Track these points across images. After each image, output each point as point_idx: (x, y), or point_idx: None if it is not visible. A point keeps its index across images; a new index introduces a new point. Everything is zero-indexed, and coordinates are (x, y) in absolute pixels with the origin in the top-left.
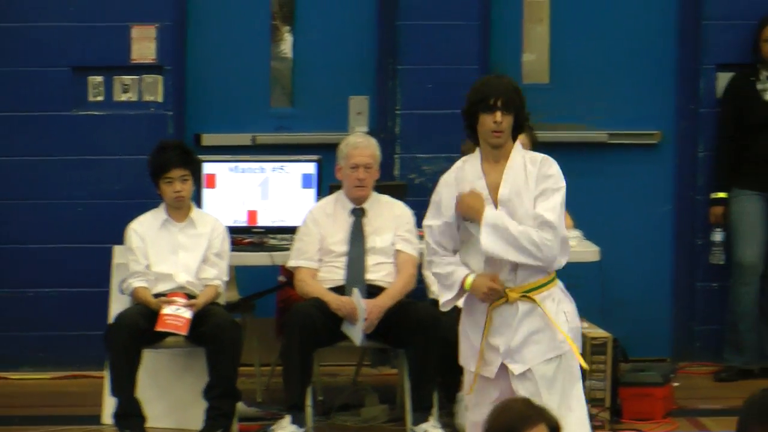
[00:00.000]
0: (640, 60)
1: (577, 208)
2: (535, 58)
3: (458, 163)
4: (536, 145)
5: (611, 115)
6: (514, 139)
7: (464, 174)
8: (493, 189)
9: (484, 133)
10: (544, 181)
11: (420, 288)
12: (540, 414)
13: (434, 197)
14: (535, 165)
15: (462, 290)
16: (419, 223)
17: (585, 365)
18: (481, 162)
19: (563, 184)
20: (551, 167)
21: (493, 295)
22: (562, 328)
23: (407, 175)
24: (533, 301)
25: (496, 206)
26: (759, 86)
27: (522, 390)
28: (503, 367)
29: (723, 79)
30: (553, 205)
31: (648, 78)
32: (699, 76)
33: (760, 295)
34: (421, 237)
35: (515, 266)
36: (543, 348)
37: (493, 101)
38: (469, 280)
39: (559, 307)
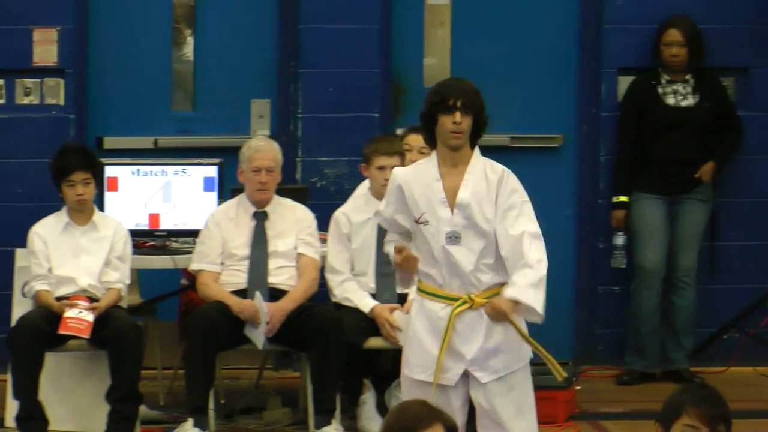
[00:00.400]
0: (542, 64)
1: None
2: (436, 62)
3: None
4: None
5: (513, 118)
6: (473, 143)
7: (420, 174)
8: (451, 193)
9: (443, 135)
10: (512, 195)
11: (322, 291)
12: (437, 414)
13: (389, 187)
14: (496, 174)
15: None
16: (321, 227)
17: (562, 374)
18: (438, 165)
19: (527, 197)
20: (516, 180)
21: (408, 262)
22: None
23: (309, 178)
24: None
25: (452, 210)
26: (660, 90)
27: (481, 398)
28: (463, 375)
29: (624, 82)
30: (531, 217)
31: (549, 82)
32: (600, 80)
33: (662, 299)
34: (323, 240)
35: (474, 274)
36: (512, 357)
37: (452, 102)
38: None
39: (522, 320)
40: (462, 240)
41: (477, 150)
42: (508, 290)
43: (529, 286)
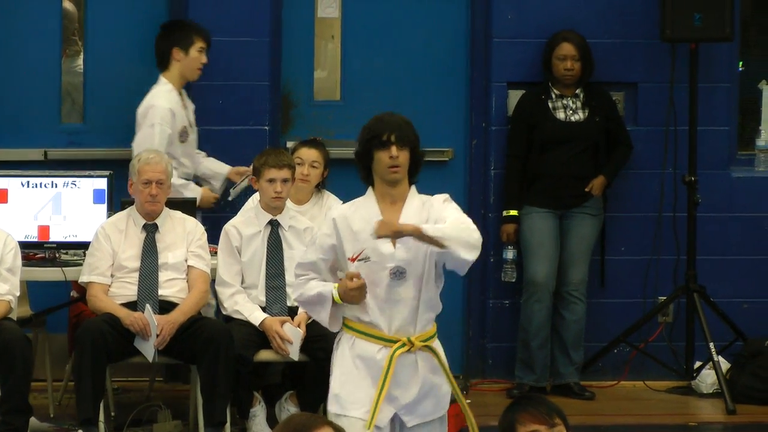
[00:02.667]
0: (431, 77)
1: None
2: (326, 75)
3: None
4: (329, 161)
5: None
6: (411, 179)
7: (359, 210)
8: None
9: (380, 170)
10: (442, 204)
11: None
12: (326, 420)
13: (323, 231)
14: (434, 206)
15: (334, 303)
16: (211, 239)
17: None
18: (376, 202)
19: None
20: (447, 196)
21: (362, 290)
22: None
23: None
24: (432, 351)
25: (393, 244)
26: (550, 104)
27: None
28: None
29: (514, 96)
30: (459, 211)
31: (439, 95)
32: (490, 94)
33: (552, 313)
34: (213, 253)
35: (415, 312)
36: (439, 403)
37: (386, 136)
38: (335, 291)
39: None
40: (407, 275)
41: (414, 188)
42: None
43: (435, 229)
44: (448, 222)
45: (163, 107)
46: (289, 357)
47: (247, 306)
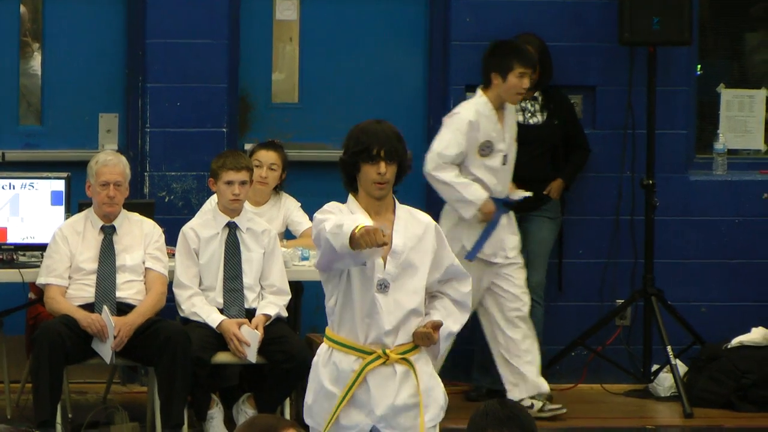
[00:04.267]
0: (390, 80)
1: None
2: (284, 78)
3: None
4: (287, 164)
5: None
6: (393, 188)
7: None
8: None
9: (366, 184)
10: (444, 244)
11: (170, 306)
12: (290, 422)
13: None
14: (425, 221)
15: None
16: (169, 241)
17: None
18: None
19: None
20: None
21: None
22: (439, 392)
23: (157, 192)
24: (409, 365)
25: (384, 262)
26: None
27: None
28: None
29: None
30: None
31: (397, 98)
32: (448, 97)
33: None
34: (171, 255)
35: (398, 325)
36: (416, 416)
37: (376, 151)
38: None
39: (433, 372)
40: (390, 290)
41: (394, 197)
42: (439, 315)
43: (455, 323)
44: (460, 294)
45: (464, 118)
46: (246, 359)
47: (204, 308)
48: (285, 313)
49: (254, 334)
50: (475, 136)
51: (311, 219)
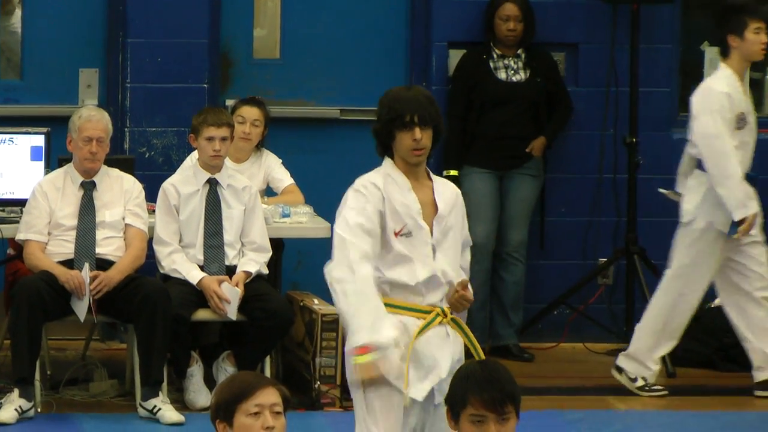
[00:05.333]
0: (372, 36)
1: (308, 184)
2: (266, 34)
3: (377, 174)
4: (269, 120)
5: (342, 91)
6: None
7: (392, 184)
8: (424, 205)
9: (403, 152)
10: (464, 213)
11: (149, 263)
12: (270, 380)
13: (357, 200)
14: (459, 197)
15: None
16: (149, 198)
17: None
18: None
19: None
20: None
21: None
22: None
23: (137, 148)
24: (459, 325)
25: (431, 228)
26: (492, 64)
27: (419, 420)
28: None
29: (455, 56)
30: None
31: (379, 54)
32: (430, 54)
33: (491, 275)
34: (151, 211)
35: (447, 288)
36: None
37: (409, 118)
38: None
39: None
40: (438, 252)
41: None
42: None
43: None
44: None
45: (720, 92)
46: (226, 316)
47: (184, 265)
48: (265, 270)
49: (234, 291)
50: (731, 109)
51: (292, 175)
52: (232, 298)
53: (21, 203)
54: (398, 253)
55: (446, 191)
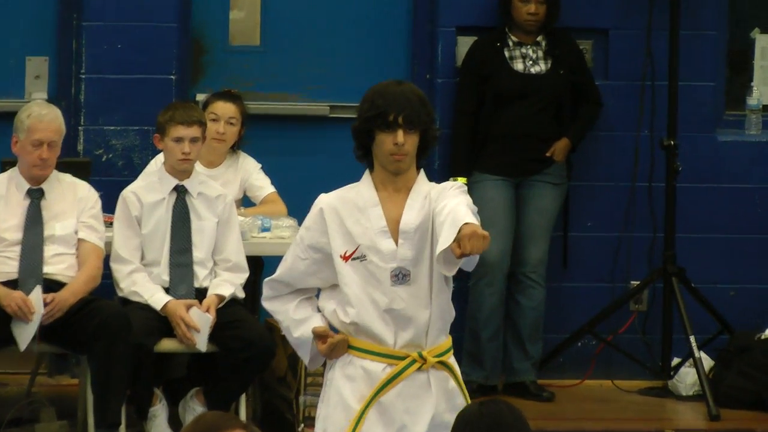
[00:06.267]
0: (367, 21)
1: (292, 192)
2: (244, 17)
3: (344, 190)
4: (246, 118)
5: (334, 85)
6: (419, 163)
7: (351, 198)
8: (394, 222)
9: (381, 156)
10: (444, 189)
11: (106, 284)
12: (238, 421)
13: (304, 225)
14: (422, 195)
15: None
16: (106, 208)
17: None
18: (374, 188)
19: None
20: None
21: (337, 350)
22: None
23: (93, 150)
24: (449, 369)
25: (395, 242)
26: (507, 53)
27: None
28: None
29: (464, 44)
30: (468, 201)
31: (376, 42)
32: (436, 41)
33: (505, 299)
34: (109, 224)
35: (426, 322)
36: None
37: (392, 117)
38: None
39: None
40: (411, 279)
41: (422, 173)
42: (457, 216)
43: (469, 213)
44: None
45: None
46: (195, 347)
47: (147, 287)
48: (242, 294)
49: (205, 317)
50: None
51: (274, 182)
52: (202, 326)
53: None
54: (352, 283)
55: (419, 195)
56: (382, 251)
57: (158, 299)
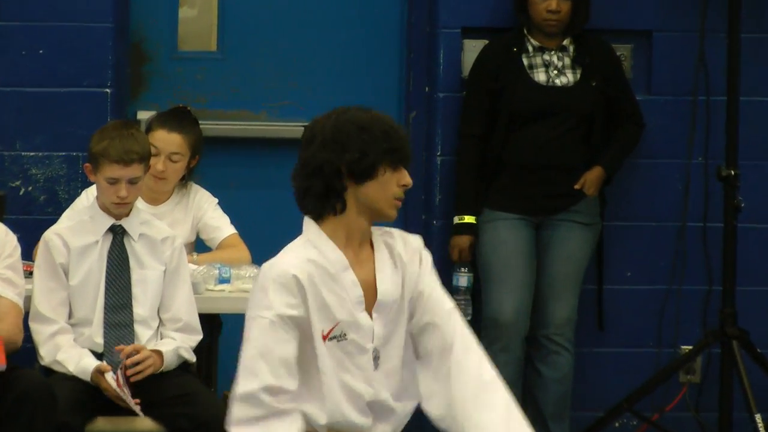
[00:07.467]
0: (352, 22)
1: (256, 234)
2: (196, 15)
3: (294, 252)
4: (200, 145)
5: (313, 101)
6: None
7: (321, 262)
8: (367, 287)
9: (378, 200)
10: (432, 275)
11: (27, 348)
12: None
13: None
14: (410, 248)
15: None
16: (26, 253)
17: None
18: (336, 247)
19: None
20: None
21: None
22: None
23: (9, 182)
24: None
25: (370, 315)
26: (526, 61)
27: None
28: None
29: (472, 49)
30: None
31: (364, 47)
32: (437, 46)
33: (524, 367)
34: (28, 273)
35: (409, 413)
36: None
37: (406, 154)
38: None
39: None
40: (381, 360)
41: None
42: None
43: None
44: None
45: None
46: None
47: (71, 353)
48: (193, 359)
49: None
50: None
51: (234, 222)
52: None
53: None
54: (327, 370)
55: (383, 254)
56: (363, 327)
57: (85, 366)
